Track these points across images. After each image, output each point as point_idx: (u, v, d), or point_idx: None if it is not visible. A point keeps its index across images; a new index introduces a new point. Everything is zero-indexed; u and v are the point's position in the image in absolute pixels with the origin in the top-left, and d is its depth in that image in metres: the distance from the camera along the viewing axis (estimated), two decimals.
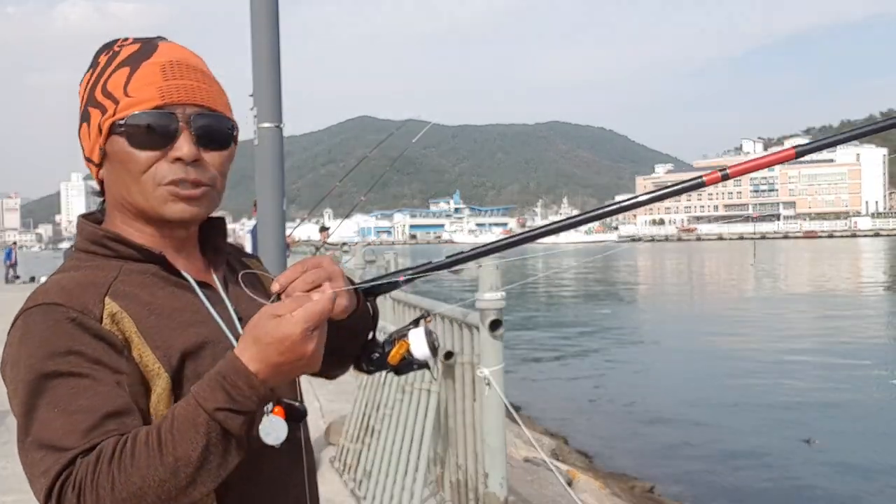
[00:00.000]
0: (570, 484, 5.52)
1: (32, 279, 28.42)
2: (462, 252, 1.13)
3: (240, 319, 1.11)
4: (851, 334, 16.42)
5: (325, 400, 6.57)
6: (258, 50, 3.99)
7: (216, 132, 1.06)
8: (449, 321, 3.45)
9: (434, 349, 1.10)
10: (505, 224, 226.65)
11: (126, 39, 1.09)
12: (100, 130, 1.03)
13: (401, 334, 1.13)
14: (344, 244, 18.52)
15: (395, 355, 1.12)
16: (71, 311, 0.95)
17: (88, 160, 1.08)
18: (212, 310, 1.08)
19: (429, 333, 1.11)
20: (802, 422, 9.37)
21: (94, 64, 1.08)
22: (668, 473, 7.54)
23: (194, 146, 1.03)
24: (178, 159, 1.03)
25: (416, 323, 1.14)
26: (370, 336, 1.22)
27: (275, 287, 1.09)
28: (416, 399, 3.57)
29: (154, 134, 1.01)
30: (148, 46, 1.06)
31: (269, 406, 1.05)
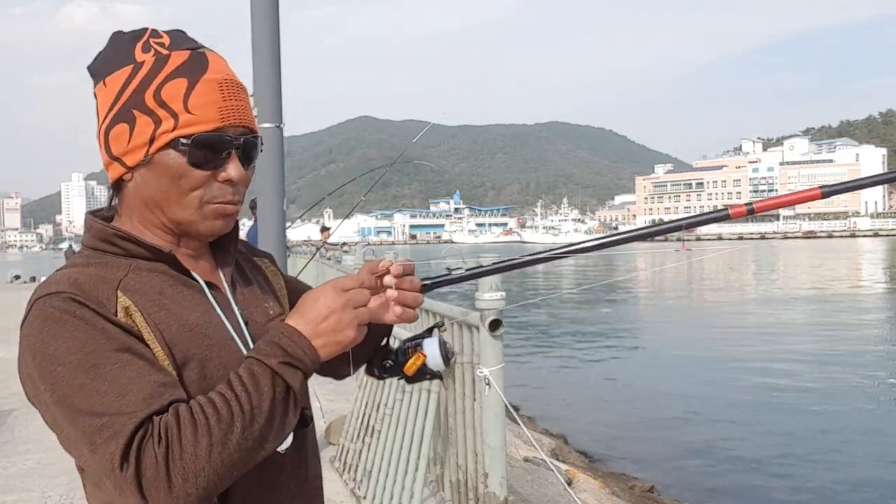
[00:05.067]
0: (569, 483, 5.52)
1: (33, 279, 28.43)
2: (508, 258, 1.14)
3: (246, 324, 1.11)
4: (854, 337, 16.42)
5: (325, 399, 6.58)
6: (259, 50, 4.00)
7: (253, 152, 1.10)
8: (448, 321, 3.45)
9: (447, 360, 1.10)
10: (505, 224, 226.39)
11: (158, 35, 1.07)
12: (151, 140, 1.02)
13: (415, 344, 1.12)
14: (344, 244, 18.58)
15: (411, 366, 1.11)
16: (89, 302, 0.95)
17: (117, 159, 1.06)
18: (220, 313, 1.08)
19: (443, 344, 1.11)
20: (802, 422, 9.38)
21: (133, 62, 1.04)
22: (668, 473, 7.54)
23: (242, 168, 1.07)
24: (228, 180, 1.06)
25: (429, 332, 1.13)
26: (384, 342, 1.22)
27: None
28: (416, 399, 3.58)
29: (212, 155, 1.04)
30: (199, 58, 1.05)
31: None
